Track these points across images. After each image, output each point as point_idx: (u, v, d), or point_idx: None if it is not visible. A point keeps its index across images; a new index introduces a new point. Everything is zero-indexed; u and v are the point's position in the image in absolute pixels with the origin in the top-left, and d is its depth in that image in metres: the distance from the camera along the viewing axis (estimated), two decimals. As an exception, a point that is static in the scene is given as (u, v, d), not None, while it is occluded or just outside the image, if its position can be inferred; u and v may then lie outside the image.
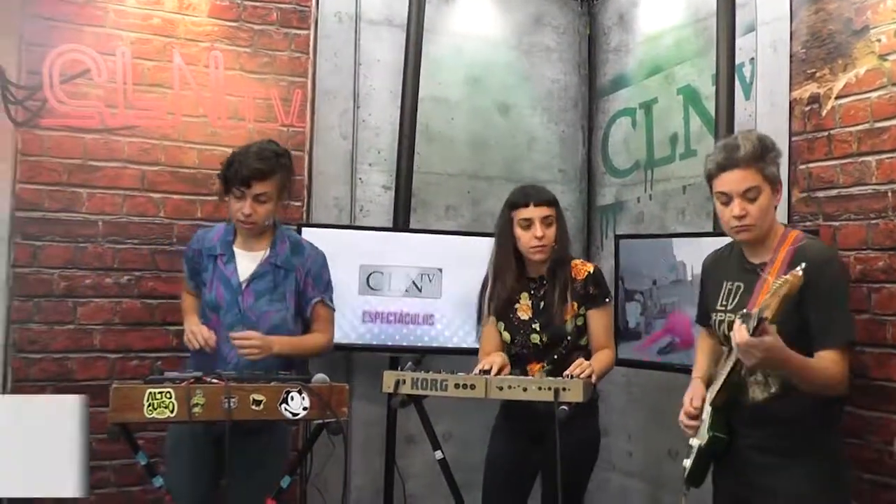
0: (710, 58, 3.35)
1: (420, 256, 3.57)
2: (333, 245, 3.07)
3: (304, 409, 2.31)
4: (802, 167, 2.97)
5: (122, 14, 3.37)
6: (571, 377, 2.51)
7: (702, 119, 3.60)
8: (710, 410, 2.26)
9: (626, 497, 3.98)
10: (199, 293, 2.83)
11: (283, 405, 2.30)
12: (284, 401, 2.30)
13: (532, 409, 2.61)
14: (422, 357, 3.48)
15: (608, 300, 2.84)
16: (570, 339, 2.76)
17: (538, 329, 2.77)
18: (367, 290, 3.52)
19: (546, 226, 2.75)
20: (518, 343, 2.80)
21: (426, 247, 3.60)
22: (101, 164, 3.33)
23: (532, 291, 2.82)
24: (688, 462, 2.32)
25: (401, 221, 3.70)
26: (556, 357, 2.75)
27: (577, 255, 3.38)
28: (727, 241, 2.44)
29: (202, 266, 2.81)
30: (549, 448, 2.44)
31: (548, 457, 2.50)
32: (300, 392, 2.31)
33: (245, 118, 3.54)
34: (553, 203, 2.79)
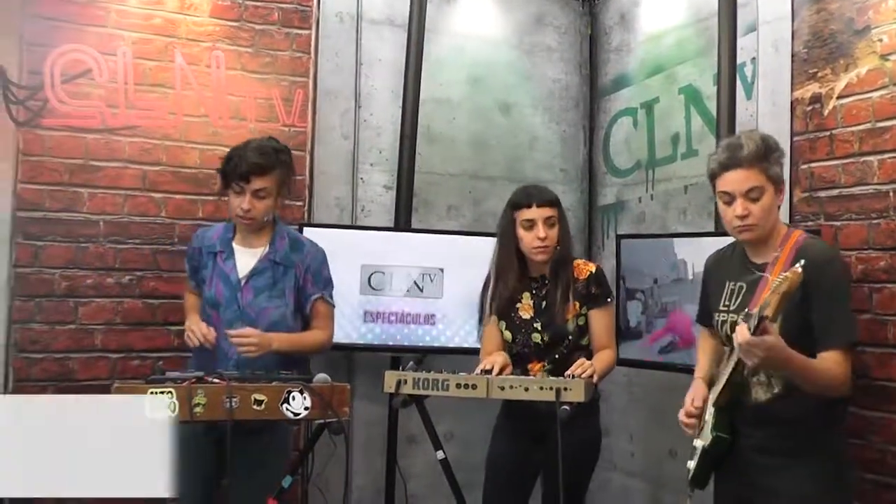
0: (712, 57, 3.34)
1: (421, 256, 3.57)
2: (335, 245, 3.07)
3: (306, 409, 2.31)
4: (804, 167, 2.97)
5: (124, 14, 3.37)
6: (573, 377, 2.51)
7: (703, 119, 3.59)
8: (713, 411, 2.25)
9: (628, 497, 3.97)
10: (201, 292, 2.83)
11: (285, 405, 2.30)
12: (286, 400, 2.29)
13: (533, 409, 2.61)
14: (423, 357, 3.48)
15: (610, 300, 2.84)
16: (572, 339, 2.76)
17: (540, 328, 2.77)
18: (369, 290, 3.52)
19: (549, 226, 2.74)
20: (519, 342, 2.80)
21: (427, 247, 3.60)
22: (103, 164, 3.33)
23: (534, 291, 2.82)
24: (692, 463, 2.31)
25: (402, 221, 3.70)
26: (558, 357, 2.75)
27: (579, 255, 3.38)
28: (729, 241, 2.44)
29: (202, 264, 2.82)
30: (551, 448, 2.43)
31: (549, 456, 2.49)
32: (302, 392, 2.31)
33: (246, 118, 3.53)
34: (556, 204, 2.79)
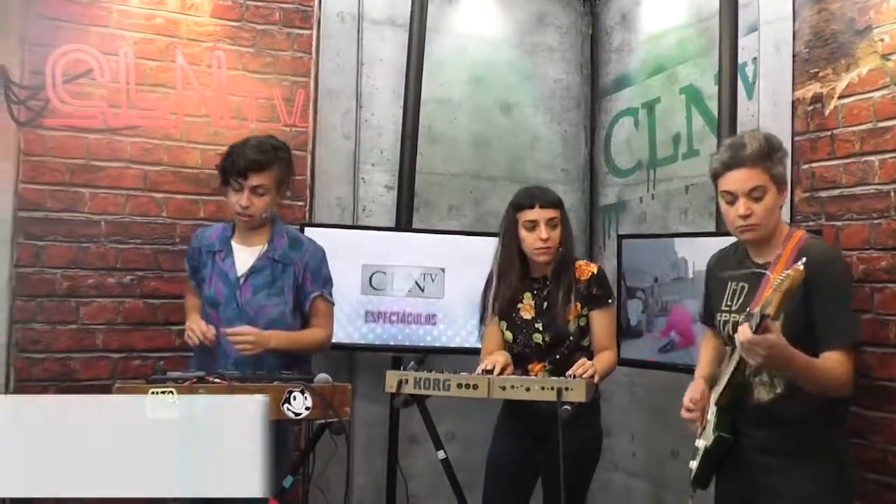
0: (713, 57, 3.34)
1: (423, 256, 3.57)
2: (336, 245, 3.07)
3: (307, 409, 2.31)
4: (805, 167, 2.96)
5: (125, 14, 3.37)
6: (574, 377, 2.51)
7: (704, 119, 3.59)
8: (715, 411, 2.25)
9: (629, 497, 3.97)
10: (201, 291, 2.84)
11: (286, 405, 2.29)
12: (287, 400, 2.29)
13: (535, 409, 2.61)
14: (424, 357, 3.48)
15: (611, 301, 2.84)
16: (573, 340, 2.76)
17: (541, 329, 2.77)
18: (370, 290, 3.52)
19: (551, 228, 2.74)
20: (520, 343, 2.80)
21: (429, 247, 3.60)
22: (104, 164, 3.33)
23: (535, 291, 2.82)
24: (694, 464, 2.30)
25: (403, 221, 3.70)
26: (558, 357, 2.75)
27: (580, 256, 3.37)
28: (730, 241, 2.44)
29: (201, 263, 2.83)
30: (552, 448, 2.43)
31: (550, 456, 2.49)
32: (303, 392, 2.31)
33: (248, 118, 3.53)
34: (558, 205, 2.79)
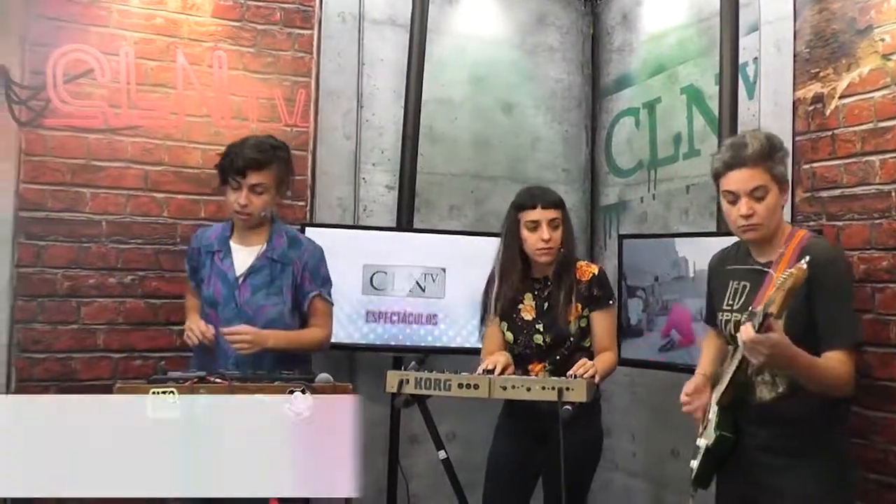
0: (714, 57, 3.34)
1: (423, 256, 3.57)
2: (337, 245, 3.07)
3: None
4: (806, 167, 2.96)
5: (126, 14, 3.37)
6: (575, 377, 2.51)
7: (705, 119, 3.59)
8: (717, 409, 2.24)
9: (630, 497, 3.97)
10: (200, 292, 2.84)
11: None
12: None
13: (535, 409, 2.61)
14: (425, 357, 3.45)
15: (612, 302, 2.84)
16: (573, 341, 2.76)
17: (542, 330, 2.77)
18: (371, 290, 3.52)
19: (553, 228, 2.74)
20: (521, 343, 2.80)
21: (430, 247, 3.59)
22: (105, 164, 3.33)
23: (536, 292, 2.82)
24: (695, 463, 2.30)
25: (404, 221, 3.70)
26: (559, 358, 2.75)
27: (581, 255, 3.37)
28: (732, 241, 2.44)
29: (201, 263, 2.83)
30: (553, 447, 2.43)
31: (551, 456, 2.50)
32: (304, 391, 2.31)
33: (248, 118, 3.53)
34: (560, 205, 2.79)
